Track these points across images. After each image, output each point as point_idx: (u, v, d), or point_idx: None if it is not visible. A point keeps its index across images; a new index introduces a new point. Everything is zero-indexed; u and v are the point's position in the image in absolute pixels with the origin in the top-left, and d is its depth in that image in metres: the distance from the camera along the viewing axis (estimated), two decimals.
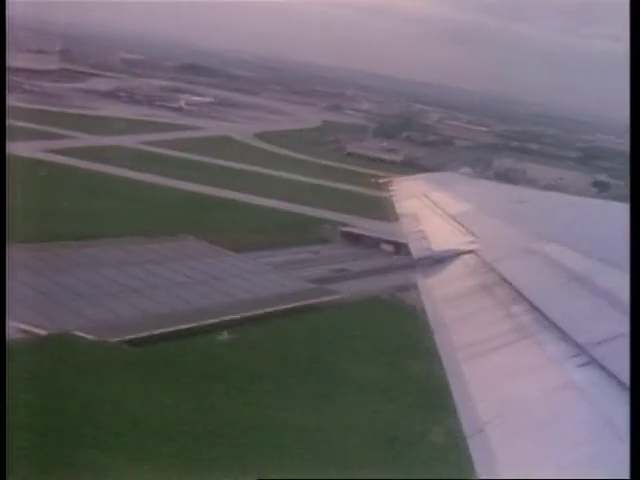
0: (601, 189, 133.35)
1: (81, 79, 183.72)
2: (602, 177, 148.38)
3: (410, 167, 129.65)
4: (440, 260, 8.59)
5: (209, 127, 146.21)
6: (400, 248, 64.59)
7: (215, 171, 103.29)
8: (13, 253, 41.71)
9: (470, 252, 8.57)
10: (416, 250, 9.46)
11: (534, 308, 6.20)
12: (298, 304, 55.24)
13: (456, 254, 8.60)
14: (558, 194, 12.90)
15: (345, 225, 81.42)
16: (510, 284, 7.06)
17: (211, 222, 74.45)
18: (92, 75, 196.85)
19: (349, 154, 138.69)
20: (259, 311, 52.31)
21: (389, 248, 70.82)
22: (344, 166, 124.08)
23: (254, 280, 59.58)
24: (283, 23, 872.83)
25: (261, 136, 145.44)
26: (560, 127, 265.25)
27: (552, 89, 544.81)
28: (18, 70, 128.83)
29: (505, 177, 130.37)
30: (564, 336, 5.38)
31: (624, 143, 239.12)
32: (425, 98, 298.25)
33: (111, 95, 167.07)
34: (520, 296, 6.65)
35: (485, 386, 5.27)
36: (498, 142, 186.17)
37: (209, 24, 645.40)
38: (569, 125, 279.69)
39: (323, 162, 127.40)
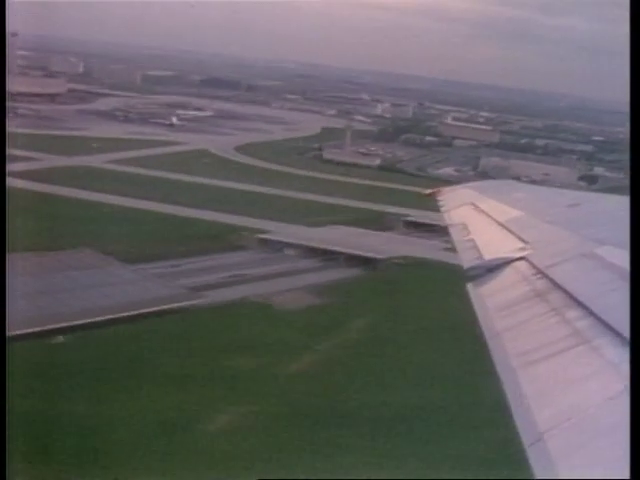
0: (589, 182, 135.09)
1: (89, 100, 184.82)
2: (597, 171, 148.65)
3: (385, 171, 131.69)
4: (491, 269, 8.49)
5: (191, 142, 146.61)
6: (311, 252, 75.26)
7: (165, 185, 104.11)
8: None
9: (521, 259, 8.46)
10: (466, 260, 9.36)
11: (590, 313, 6.08)
12: (154, 309, 57.99)
13: (507, 262, 8.50)
14: (612, 196, 12.67)
15: (266, 232, 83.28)
16: (564, 289, 6.96)
17: (124, 235, 76.33)
18: (102, 95, 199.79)
19: (326, 161, 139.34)
20: (109, 316, 55.12)
21: (292, 252, 76.36)
22: (310, 173, 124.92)
23: (124, 288, 61.60)
24: (328, 29, 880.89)
25: (242, 148, 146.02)
26: (590, 120, 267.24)
27: (597, 81, 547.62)
28: (21, 95, 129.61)
29: (486, 175, 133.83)
30: (622, 341, 5.26)
31: None
32: (456, 98, 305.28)
33: (107, 115, 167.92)
34: (575, 301, 6.54)
35: (542, 394, 5.17)
36: (504, 140, 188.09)
37: (251, 35, 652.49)
38: (603, 117, 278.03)
39: (289, 170, 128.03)
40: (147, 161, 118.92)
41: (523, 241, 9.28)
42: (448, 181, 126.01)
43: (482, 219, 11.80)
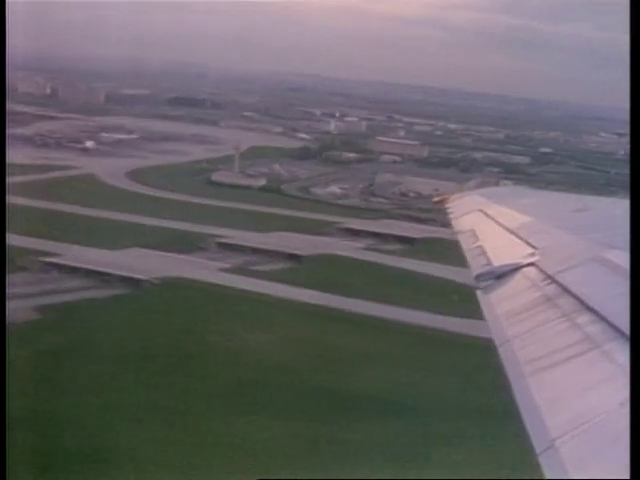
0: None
1: (24, 123, 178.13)
2: (500, 184, 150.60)
3: (265, 191, 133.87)
4: (500, 275, 8.48)
5: (86, 166, 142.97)
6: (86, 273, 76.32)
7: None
8: None
9: (531, 264, 8.47)
10: (475, 266, 9.35)
11: (600, 318, 6.07)
12: None
13: (516, 267, 8.50)
14: (620, 200, 12.78)
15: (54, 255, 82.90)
16: (574, 294, 6.95)
17: None
18: (44, 118, 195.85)
19: (212, 183, 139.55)
20: None
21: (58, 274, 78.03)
22: (177, 197, 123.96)
23: None
24: (329, 39, 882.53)
25: (136, 172, 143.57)
26: (571, 129, 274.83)
27: (595, 88, 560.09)
28: None
29: (371, 193, 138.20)
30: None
31: (611, 141, 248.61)
32: (442, 109, 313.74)
33: (27, 139, 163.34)
34: (585, 306, 6.54)
35: (553, 400, 5.14)
36: (438, 154, 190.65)
37: (252, 46, 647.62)
38: (590, 126, 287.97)
39: (160, 194, 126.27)
40: (21, 186, 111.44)
41: (532, 247, 9.31)
42: (318, 201, 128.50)
43: (490, 225, 11.85)
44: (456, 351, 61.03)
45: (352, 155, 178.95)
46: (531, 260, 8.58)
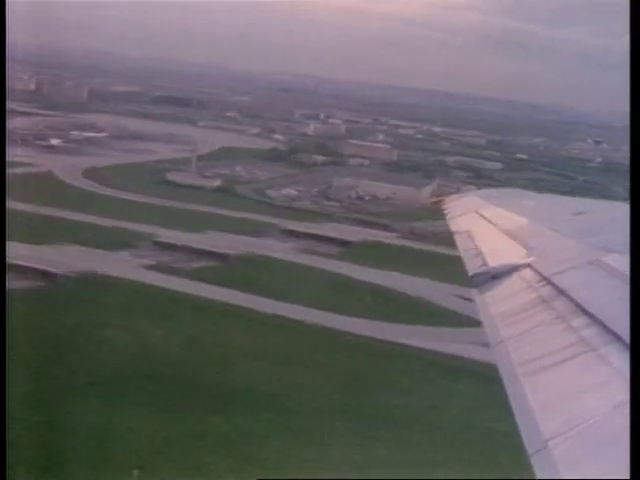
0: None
1: None
2: (461, 190, 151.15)
3: (219, 192, 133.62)
4: (496, 276, 8.46)
5: (47, 164, 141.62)
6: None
7: None
8: None
9: (527, 266, 8.44)
10: (471, 267, 9.32)
11: (596, 321, 6.05)
12: None
13: (512, 269, 8.49)
14: (619, 203, 12.80)
15: None
16: (570, 297, 6.92)
17: None
18: (21, 114, 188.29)
19: (168, 182, 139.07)
20: None
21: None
22: (126, 196, 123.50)
23: None
24: (330, 39, 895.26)
25: (92, 170, 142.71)
26: (554, 134, 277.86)
27: (588, 93, 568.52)
28: None
29: (325, 196, 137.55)
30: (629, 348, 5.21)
31: (589, 148, 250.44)
32: (432, 112, 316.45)
33: None
34: (581, 309, 6.50)
35: (547, 402, 5.11)
36: (400, 159, 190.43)
37: (253, 45, 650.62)
38: (579, 132, 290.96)
39: (109, 193, 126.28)
40: None
41: (528, 248, 9.30)
42: (271, 204, 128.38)
43: (487, 226, 11.85)
44: (349, 352, 62.96)
45: (320, 158, 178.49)
46: (527, 261, 8.57)
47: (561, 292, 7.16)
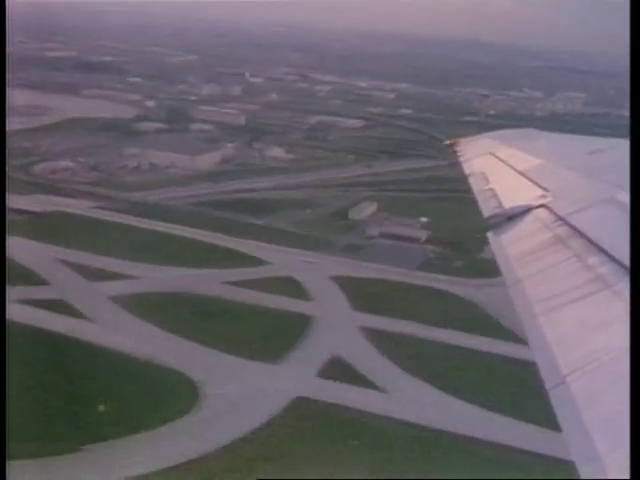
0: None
1: None
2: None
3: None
4: (511, 217, 8.44)
5: None
6: None
7: None
8: None
9: (542, 206, 8.41)
10: (486, 209, 9.25)
11: (612, 259, 6.05)
12: None
13: (527, 209, 8.45)
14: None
15: None
16: (585, 236, 6.93)
17: None
18: None
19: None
20: None
21: None
22: None
23: None
24: None
25: None
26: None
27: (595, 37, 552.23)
28: None
29: (95, 168, 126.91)
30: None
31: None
32: (407, 60, 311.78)
33: None
34: (596, 247, 6.51)
35: (564, 338, 5.17)
36: (251, 123, 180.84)
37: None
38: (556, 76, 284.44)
39: None
40: None
41: (543, 189, 9.22)
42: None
43: (502, 168, 11.67)
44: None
45: (155, 125, 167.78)
46: (542, 202, 8.54)
47: (576, 231, 7.19)
